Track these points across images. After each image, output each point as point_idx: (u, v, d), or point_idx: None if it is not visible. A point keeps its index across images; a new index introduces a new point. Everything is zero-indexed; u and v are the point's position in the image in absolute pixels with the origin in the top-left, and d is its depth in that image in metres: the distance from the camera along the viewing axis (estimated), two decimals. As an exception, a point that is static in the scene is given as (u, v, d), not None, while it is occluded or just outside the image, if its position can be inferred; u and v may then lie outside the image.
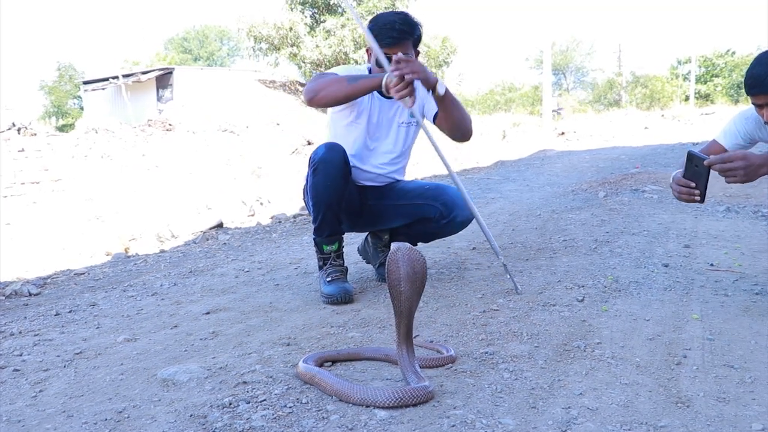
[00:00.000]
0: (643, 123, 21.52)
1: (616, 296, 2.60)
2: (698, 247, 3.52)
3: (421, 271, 1.75)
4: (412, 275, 1.73)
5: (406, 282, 1.73)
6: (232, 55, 58.30)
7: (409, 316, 1.76)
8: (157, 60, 42.79)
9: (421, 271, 1.75)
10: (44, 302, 3.16)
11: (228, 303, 2.82)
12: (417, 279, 1.74)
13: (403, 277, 1.73)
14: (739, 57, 43.61)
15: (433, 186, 2.99)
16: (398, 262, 1.74)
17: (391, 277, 1.74)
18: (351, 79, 2.64)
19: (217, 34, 58.98)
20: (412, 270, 1.74)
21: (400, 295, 1.73)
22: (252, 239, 4.80)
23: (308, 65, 26.16)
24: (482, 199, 6.08)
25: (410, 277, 1.73)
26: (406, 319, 1.76)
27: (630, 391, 1.67)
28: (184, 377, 1.85)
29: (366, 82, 2.62)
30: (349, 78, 2.65)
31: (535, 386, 1.72)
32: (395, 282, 1.73)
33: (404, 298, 1.73)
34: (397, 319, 1.77)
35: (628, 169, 7.97)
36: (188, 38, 59.06)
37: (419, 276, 1.75)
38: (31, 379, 1.99)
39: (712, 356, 1.94)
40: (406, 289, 1.73)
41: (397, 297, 1.74)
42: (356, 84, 2.62)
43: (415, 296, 1.76)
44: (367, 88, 2.63)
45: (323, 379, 1.71)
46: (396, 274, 1.73)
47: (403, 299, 1.74)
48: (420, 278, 1.75)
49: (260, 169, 10.96)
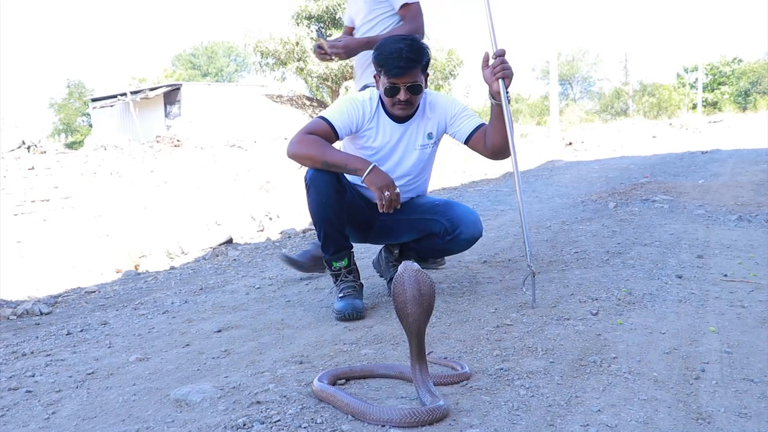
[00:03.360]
0: (651, 132, 21.48)
1: (630, 309, 2.58)
2: (711, 258, 3.48)
3: (428, 293, 1.74)
4: (418, 297, 1.72)
5: (413, 304, 1.71)
6: (239, 71, 58.67)
7: (419, 336, 1.74)
8: (164, 76, 43.10)
9: (428, 293, 1.74)
10: (56, 321, 3.16)
11: (239, 320, 2.82)
12: (424, 301, 1.73)
13: (410, 300, 1.71)
14: (746, 64, 43.52)
15: (443, 202, 2.97)
16: (404, 285, 1.72)
17: (398, 300, 1.73)
18: (331, 155, 2.63)
19: (224, 50, 59.39)
20: (418, 292, 1.72)
21: (407, 317, 1.72)
22: (262, 255, 4.80)
23: (315, 79, 26.29)
24: (491, 211, 6.06)
25: (416, 299, 1.72)
26: (417, 339, 1.74)
27: (649, 408, 1.65)
28: (198, 397, 1.84)
29: (344, 166, 2.63)
30: (327, 152, 2.63)
31: (552, 403, 1.70)
32: (402, 304, 1.72)
33: (412, 320, 1.72)
34: (408, 338, 1.76)
35: (637, 179, 7.94)
36: (196, 54, 59.52)
37: (426, 298, 1.73)
38: (43, 400, 1.98)
39: (731, 370, 1.91)
40: (413, 311, 1.72)
41: (404, 319, 1.73)
42: (331, 162, 2.62)
43: (423, 317, 1.74)
44: (342, 170, 2.66)
45: (339, 398, 1.69)
46: (402, 297, 1.72)
47: (411, 321, 1.72)
48: (427, 300, 1.73)
49: (268, 183, 11.00)
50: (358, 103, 2.79)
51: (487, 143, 2.80)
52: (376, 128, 2.81)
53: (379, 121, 2.81)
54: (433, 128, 2.88)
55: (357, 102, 2.80)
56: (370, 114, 2.80)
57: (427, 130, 2.87)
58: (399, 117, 2.81)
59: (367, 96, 2.83)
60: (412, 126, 2.85)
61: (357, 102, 2.80)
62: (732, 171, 8.16)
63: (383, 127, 2.82)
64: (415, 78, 2.69)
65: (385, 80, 2.70)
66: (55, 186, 11.66)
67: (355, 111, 2.77)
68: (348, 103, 2.80)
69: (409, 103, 2.73)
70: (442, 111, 2.87)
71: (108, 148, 17.68)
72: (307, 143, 2.65)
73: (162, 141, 18.76)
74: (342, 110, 2.76)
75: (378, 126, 2.81)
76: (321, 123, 2.71)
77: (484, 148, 2.83)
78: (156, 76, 44.33)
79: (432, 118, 2.87)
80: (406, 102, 2.72)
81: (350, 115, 2.75)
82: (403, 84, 2.68)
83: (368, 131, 2.80)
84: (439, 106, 2.87)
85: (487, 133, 2.80)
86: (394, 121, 2.82)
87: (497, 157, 2.85)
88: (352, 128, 2.77)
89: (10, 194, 10.62)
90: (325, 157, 2.62)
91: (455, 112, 2.87)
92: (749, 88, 41.58)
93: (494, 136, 2.77)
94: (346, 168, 2.63)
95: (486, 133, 2.81)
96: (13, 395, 2.05)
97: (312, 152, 2.63)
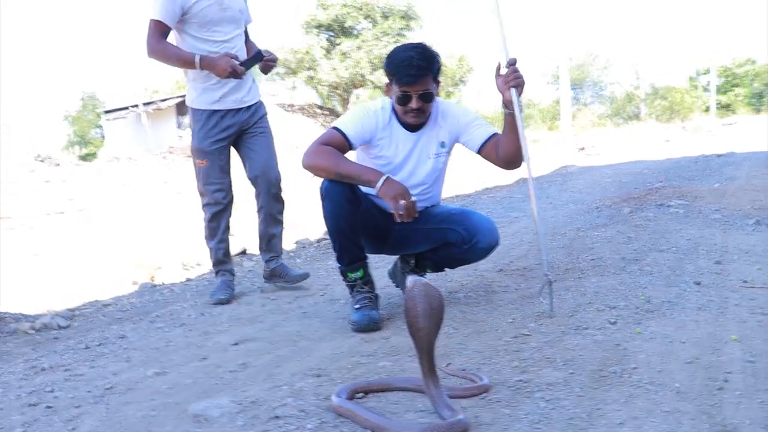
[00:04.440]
0: (664, 136, 21.32)
1: (649, 317, 2.55)
2: (730, 263, 3.45)
3: (438, 306, 1.74)
4: (429, 311, 1.72)
5: (425, 318, 1.71)
6: (250, 81, 58.84)
7: (429, 351, 1.75)
8: (176, 87, 43.37)
9: (438, 306, 1.74)
10: (74, 335, 3.18)
11: (256, 333, 2.82)
12: (435, 314, 1.73)
13: (421, 314, 1.71)
14: (760, 66, 43.16)
15: (459, 211, 2.96)
16: (415, 299, 1.72)
17: (409, 315, 1.73)
18: (345, 166, 2.63)
19: (235, 60, 59.65)
20: (429, 306, 1.72)
21: (418, 331, 1.72)
22: (276, 265, 4.80)
23: (325, 88, 26.40)
24: (505, 219, 6.04)
25: (427, 312, 1.72)
26: (428, 354, 1.75)
27: (672, 420, 1.63)
28: (216, 412, 1.83)
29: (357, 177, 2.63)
30: (341, 164, 2.63)
31: (573, 416, 1.68)
32: (413, 319, 1.72)
33: (423, 335, 1.72)
34: (418, 355, 1.76)
35: (651, 184, 7.88)
36: (207, 65, 59.75)
37: (436, 311, 1.73)
38: (63, 416, 1.99)
39: (755, 380, 1.88)
40: (425, 325, 1.72)
41: (416, 333, 1.73)
42: (345, 174, 2.62)
43: (434, 330, 1.74)
44: (356, 182, 2.65)
45: (358, 413, 1.69)
46: (414, 311, 1.72)
47: (423, 335, 1.72)
48: (437, 313, 1.74)
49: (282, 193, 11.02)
50: (371, 113, 2.79)
51: (499, 153, 2.79)
52: (390, 138, 2.81)
53: (392, 130, 2.81)
54: (446, 137, 2.87)
55: (370, 111, 2.80)
56: (384, 123, 2.80)
57: (439, 139, 2.86)
58: (411, 126, 2.81)
59: (379, 105, 2.83)
60: (425, 135, 2.84)
61: (370, 111, 2.80)
62: (748, 174, 8.08)
63: (396, 136, 2.81)
64: (427, 86, 2.69)
65: (397, 89, 2.70)
66: (70, 198, 11.77)
67: (369, 121, 2.77)
68: (361, 113, 2.80)
69: (421, 111, 2.73)
70: (454, 119, 2.86)
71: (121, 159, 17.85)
72: (322, 154, 2.65)
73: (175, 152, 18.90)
74: (355, 120, 2.77)
75: (391, 135, 2.81)
76: (335, 133, 2.71)
77: (496, 158, 2.82)
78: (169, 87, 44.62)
79: (444, 126, 2.86)
80: (418, 110, 2.72)
81: (363, 124, 2.76)
82: (415, 92, 2.68)
83: (382, 141, 2.80)
84: (451, 115, 2.87)
85: (499, 142, 2.79)
86: (406, 129, 2.82)
87: (510, 167, 2.84)
88: (366, 138, 2.77)
89: (27, 207, 10.73)
90: (339, 168, 2.62)
91: (467, 121, 2.86)
92: (763, 89, 41.25)
93: (507, 145, 2.76)
94: (359, 179, 2.63)
95: (499, 142, 2.80)
96: (33, 411, 2.06)
97: (326, 164, 2.63)
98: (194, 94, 3.50)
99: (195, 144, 3.54)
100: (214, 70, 3.32)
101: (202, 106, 3.49)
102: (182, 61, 3.35)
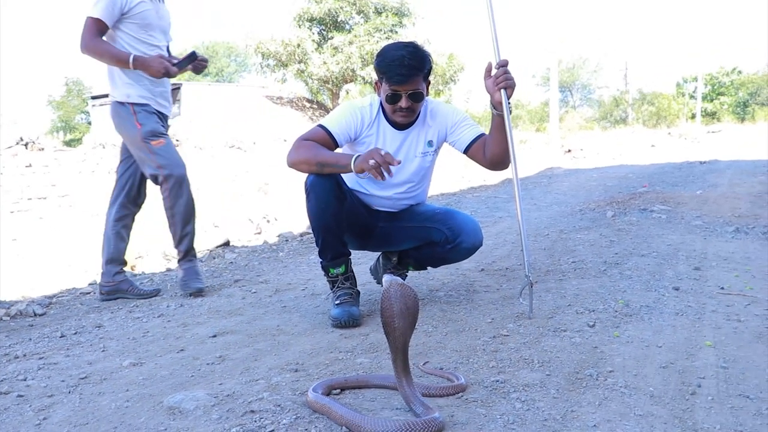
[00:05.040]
0: (650, 141, 21.50)
1: (627, 321, 2.57)
2: (708, 270, 3.48)
3: (413, 306, 1.76)
4: (405, 311, 1.74)
5: (400, 318, 1.73)
6: (240, 72, 58.65)
7: (404, 349, 1.75)
8: (165, 76, 42.99)
9: (413, 306, 1.76)
10: (49, 323, 3.14)
11: (235, 326, 2.80)
12: (410, 314, 1.74)
13: (397, 314, 1.73)
14: (745, 75, 43.65)
15: (444, 210, 2.95)
16: (391, 299, 1.73)
17: (385, 315, 1.74)
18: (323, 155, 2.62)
19: (225, 50, 59.36)
20: (405, 306, 1.74)
21: (394, 331, 1.73)
22: (259, 258, 4.79)
23: (315, 81, 26.29)
24: (489, 218, 6.06)
25: (403, 312, 1.73)
26: (402, 353, 1.75)
27: (645, 423, 1.64)
28: (191, 405, 1.82)
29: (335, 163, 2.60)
30: (319, 153, 2.62)
31: (548, 417, 1.69)
32: (389, 319, 1.73)
33: (399, 334, 1.73)
34: (393, 354, 1.76)
35: (635, 188, 7.95)
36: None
37: (411, 311, 1.75)
38: (35, 405, 1.96)
39: (727, 385, 1.90)
40: (400, 324, 1.73)
41: (391, 333, 1.74)
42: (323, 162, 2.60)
43: (409, 330, 1.76)
44: (335, 168, 2.62)
45: (333, 409, 1.68)
46: (390, 311, 1.73)
47: (398, 335, 1.73)
48: (412, 313, 1.75)
49: (267, 185, 10.98)
50: (357, 110, 2.78)
51: (486, 153, 2.79)
52: (377, 135, 2.80)
53: (380, 127, 2.80)
54: (434, 136, 2.87)
55: (356, 108, 2.79)
56: (370, 120, 2.78)
57: (427, 138, 2.86)
58: (400, 124, 2.80)
59: (367, 102, 2.82)
60: (413, 133, 2.84)
61: (356, 108, 2.79)
62: (730, 182, 8.16)
63: (383, 133, 2.80)
64: (417, 86, 2.68)
65: (387, 87, 2.69)
66: (53, 184, 11.64)
67: (354, 118, 2.76)
68: (346, 110, 2.79)
69: (410, 110, 2.72)
70: (443, 119, 2.86)
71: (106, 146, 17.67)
72: (301, 149, 2.64)
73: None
74: (340, 117, 2.76)
75: (378, 133, 2.80)
76: (319, 131, 2.70)
77: (483, 158, 2.82)
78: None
79: (433, 126, 2.86)
80: (408, 109, 2.71)
81: (348, 122, 2.74)
82: (405, 92, 2.67)
83: (368, 138, 2.79)
84: (440, 114, 2.86)
85: (486, 143, 2.79)
86: (394, 128, 2.81)
87: (496, 168, 2.84)
88: (351, 135, 2.76)
89: (7, 191, 10.59)
90: (318, 157, 2.60)
91: (456, 121, 2.86)
92: (748, 99, 41.72)
93: (494, 146, 2.76)
94: (337, 164, 2.60)
95: (486, 143, 2.80)
96: (3, 399, 2.03)
97: (306, 156, 2.62)
98: (131, 91, 3.52)
99: (146, 129, 3.50)
100: (148, 70, 3.40)
101: (141, 101, 3.54)
102: (116, 59, 3.41)
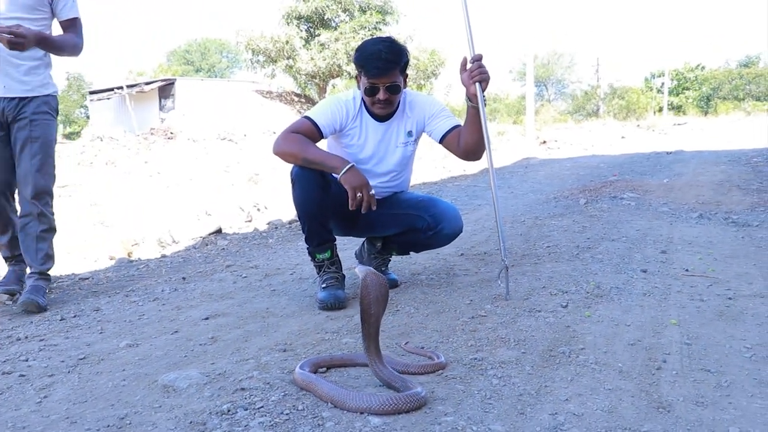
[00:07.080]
0: (620, 132, 21.60)
1: (598, 302, 2.58)
2: (674, 253, 3.51)
3: (386, 293, 1.79)
4: (380, 298, 1.76)
5: (376, 305, 1.75)
6: (231, 67, 58.21)
7: (376, 333, 1.78)
8: (160, 71, 42.57)
9: (386, 294, 1.79)
10: (50, 307, 3.11)
11: (226, 308, 2.79)
12: (383, 300, 1.77)
13: (373, 301, 1.74)
14: (709, 71, 43.99)
15: (426, 198, 2.96)
16: (368, 287, 1.75)
17: (364, 302, 1.75)
18: (312, 152, 2.61)
19: (217, 47, 58.86)
20: (380, 293, 1.76)
21: (371, 317, 1.75)
22: (249, 245, 4.77)
23: (303, 77, 26.13)
24: (469, 206, 6.06)
25: (378, 299, 1.75)
26: (375, 336, 1.78)
27: (614, 397, 1.65)
28: (184, 383, 1.81)
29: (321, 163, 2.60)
30: (308, 150, 2.61)
31: (523, 392, 1.70)
32: (367, 306, 1.75)
33: (374, 320, 1.75)
34: (366, 337, 1.77)
35: (606, 177, 7.98)
36: (190, 50, 58.89)
37: (384, 298, 1.78)
38: (36, 384, 1.95)
39: (690, 361, 1.92)
40: (376, 310, 1.75)
41: (368, 319, 1.76)
42: (311, 159, 2.60)
43: (381, 315, 1.79)
44: (321, 168, 2.62)
45: (319, 386, 1.68)
46: (368, 299, 1.75)
47: (373, 320, 1.75)
48: (384, 299, 1.78)
49: (257, 176, 10.92)
50: (342, 103, 2.77)
51: (460, 143, 2.79)
52: (360, 127, 2.79)
53: (362, 120, 2.79)
54: (413, 126, 2.86)
55: (341, 102, 2.78)
56: (354, 113, 2.78)
57: (407, 128, 2.85)
58: (380, 116, 2.79)
59: (350, 96, 2.81)
60: (393, 124, 2.83)
61: (341, 102, 2.78)
62: (694, 171, 8.22)
63: (366, 125, 2.80)
64: (394, 78, 2.68)
65: (365, 80, 2.68)
66: (52, 175, 11.48)
67: (339, 110, 2.75)
68: (332, 103, 2.78)
69: (388, 102, 2.72)
70: (420, 110, 2.85)
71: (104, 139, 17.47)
72: (290, 141, 2.63)
73: (156, 133, 18.57)
74: (326, 110, 2.75)
75: (361, 125, 2.79)
76: (305, 122, 2.69)
77: (457, 148, 2.81)
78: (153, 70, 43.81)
79: (411, 116, 2.85)
80: (386, 101, 2.71)
81: (333, 114, 2.73)
82: (383, 84, 2.66)
83: (352, 130, 2.79)
84: (418, 106, 2.86)
85: (461, 134, 2.79)
86: (375, 120, 2.80)
87: (469, 158, 2.84)
88: (336, 127, 2.75)
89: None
90: (306, 154, 2.60)
91: (433, 112, 2.85)
92: (711, 93, 42.08)
93: (468, 137, 2.76)
94: (324, 165, 2.61)
95: (460, 134, 2.79)
96: (6, 379, 2.01)
97: (294, 149, 2.62)
98: None
99: None
100: None
101: None
102: None
